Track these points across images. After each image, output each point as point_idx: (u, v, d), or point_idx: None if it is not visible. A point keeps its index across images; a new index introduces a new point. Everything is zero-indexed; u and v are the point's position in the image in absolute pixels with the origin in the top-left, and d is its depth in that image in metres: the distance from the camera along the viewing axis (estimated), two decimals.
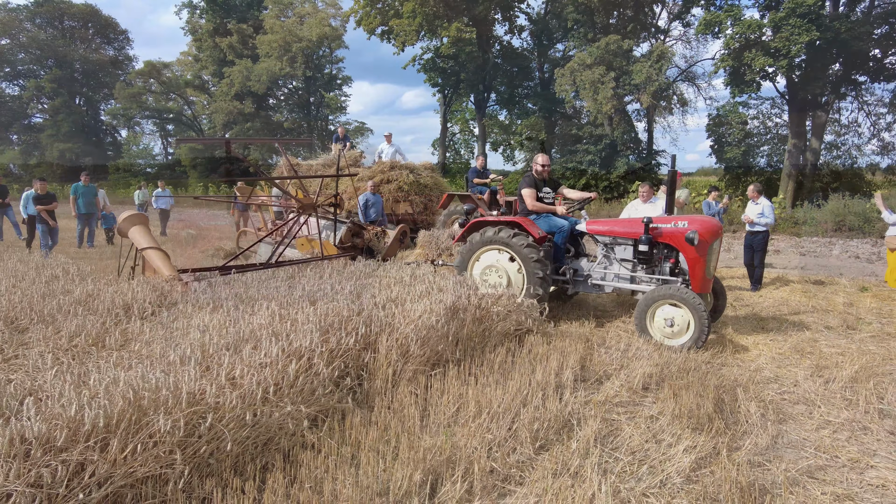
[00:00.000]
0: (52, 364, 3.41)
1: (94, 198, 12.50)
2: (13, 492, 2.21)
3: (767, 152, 29.56)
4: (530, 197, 6.51)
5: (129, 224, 6.62)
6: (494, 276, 6.24)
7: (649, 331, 5.52)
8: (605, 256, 6.29)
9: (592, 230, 6.27)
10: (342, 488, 2.69)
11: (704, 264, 5.62)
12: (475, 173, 12.10)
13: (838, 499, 2.92)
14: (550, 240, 6.39)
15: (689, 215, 6.01)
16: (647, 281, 5.99)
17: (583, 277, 6.35)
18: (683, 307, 5.30)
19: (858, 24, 21.50)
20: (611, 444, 3.37)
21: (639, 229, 5.83)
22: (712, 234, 5.67)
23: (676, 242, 5.70)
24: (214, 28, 39.94)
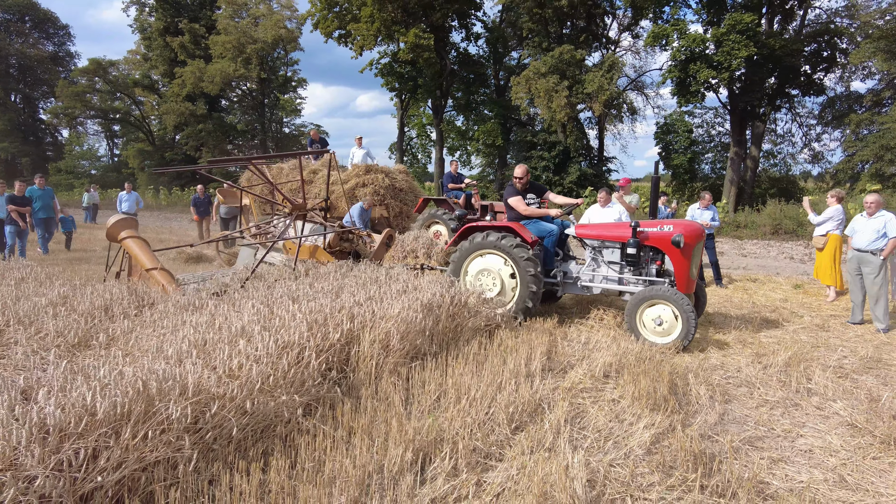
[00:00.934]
0: (37, 363, 3.50)
1: (52, 201, 12.01)
2: (38, 475, 2.35)
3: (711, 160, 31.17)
4: (520, 203, 6.67)
5: (119, 229, 6.50)
6: (488, 280, 6.40)
7: (638, 329, 5.72)
8: (594, 259, 6.49)
9: (581, 234, 6.47)
10: (341, 467, 2.93)
11: (689, 266, 5.90)
12: (450, 178, 12.24)
13: (774, 462, 3.36)
14: (540, 244, 6.56)
15: (674, 220, 6.32)
16: (634, 282, 6.19)
17: (572, 279, 6.54)
18: (672, 307, 5.53)
19: (791, 42, 23.02)
20: (579, 424, 3.73)
21: (626, 233, 6.07)
22: (696, 238, 5.96)
23: (663, 245, 5.96)
24: (165, 27, 38.90)
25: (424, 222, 11.63)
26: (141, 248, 6.36)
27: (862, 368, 5.14)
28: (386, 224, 12.08)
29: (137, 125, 44.78)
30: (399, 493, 2.79)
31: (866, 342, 6.10)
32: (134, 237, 6.44)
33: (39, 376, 3.17)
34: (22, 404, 2.63)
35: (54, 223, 12.19)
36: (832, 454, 3.47)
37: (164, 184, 36.74)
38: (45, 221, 11.75)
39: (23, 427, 2.39)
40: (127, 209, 15.01)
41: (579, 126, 29.58)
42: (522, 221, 6.71)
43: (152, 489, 2.62)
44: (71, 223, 14.03)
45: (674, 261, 5.93)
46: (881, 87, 24.69)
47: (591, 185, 26.01)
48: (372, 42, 29.05)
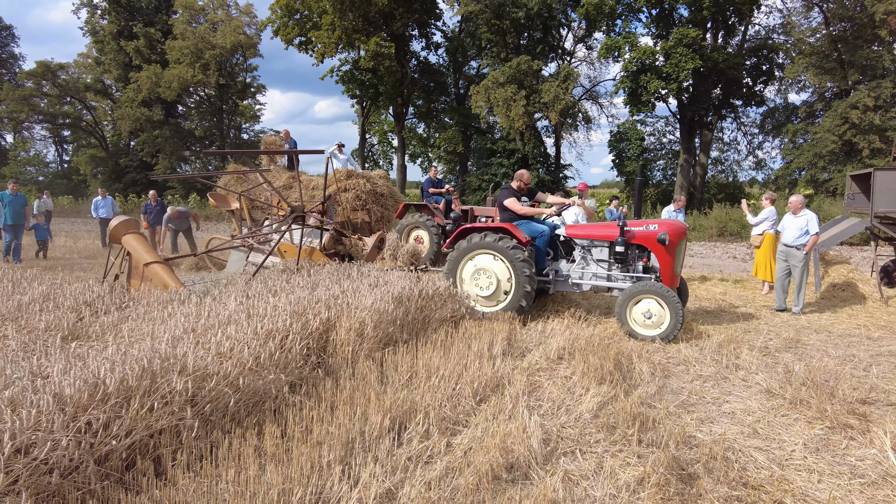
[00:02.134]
0: (38, 351, 3.75)
1: (24, 207, 11.55)
2: (61, 439, 2.66)
3: (663, 166, 32.62)
4: (516, 204, 6.92)
5: (122, 230, 6.47)
6: (484, 279, 6.63)
7: (628, 322, 6.05)
8: (583, 258, 6.80)
9: (571, 234, 6.79)
10: (327, 433, 3.30)
11: (673, 262, 6.28)
12: (430, 183, 12.45)
13: (701, 422, 3.91)
14: (532, 243, 6.81)
15: (659, 219, 6.69)
16: (622, 279, 6.53)
17: (563, 277, 6.84)
18: (660, 300, 5.89)
19: (733, 56, 24.46)
20: (535, 396, 4.20)
21: (614, 232, 6.41)
22: (679, 236, 6.34)
23: (648, 243, 6.31)
24: (118, 31, 38.06)
25: (405, 227, 11.75)
26: (141, 244, 6.38)
27: (783, 348, 5.81)
28: (368, 229, 12.23)
29: (90, 131, 43.50)
30: (380, 452, 3.18)
31: (789, 327, 6.82)
32: (135, 234, 6.48)
33: (42, 362, 3.44)
34: (36, 381, 2.92)
35: (22, 231, 11.71)
36: (749, 414, 4.05)
37: (119, 191, 35.85)
38: (13, 228, 11.36)
39: (48, 395, 2.69)
40: (104, 215, 14.59)
41: (537, 134, 30.54)
42: (515, 222, 6.96)
43: (160, 453, 2.95)
44: (45, 231, 13.31)
45: (659, 258, 6.28)
46: (813, 99, 26.46)
47: (549, 191, 26.88)
48: (333, 50, 29.30)
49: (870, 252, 13.62)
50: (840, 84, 23.66)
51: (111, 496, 2.59)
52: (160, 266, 6.22)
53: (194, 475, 2.79)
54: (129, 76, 36.74)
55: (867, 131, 21.18)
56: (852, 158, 22.13)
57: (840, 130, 21.68)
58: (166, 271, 6.20)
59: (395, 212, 12.52)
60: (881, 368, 5.18)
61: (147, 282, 6.03)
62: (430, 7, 31.50)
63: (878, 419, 3.91)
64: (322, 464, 2.97)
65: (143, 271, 6.14)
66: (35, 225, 12.92)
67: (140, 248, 6.39)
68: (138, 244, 6.43)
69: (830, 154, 22.42)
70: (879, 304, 8.16)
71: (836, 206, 18.68)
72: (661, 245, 6.20)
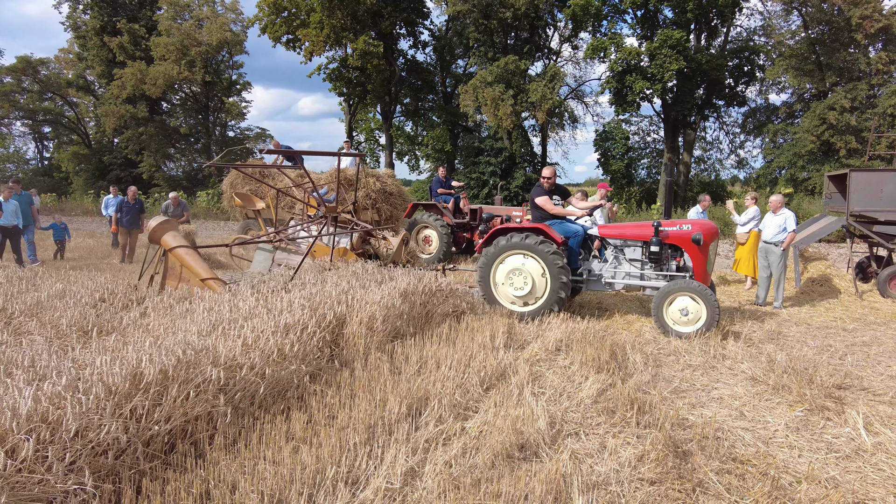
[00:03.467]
0: (74, 345, 3.95)
1: (30, 206, 10.91)
2: (112, 423, 2.87)
3: (647, 165, 33.19)
4: (548, 203, 6.97)
5: (162, 231, 6.25)
6: (519, 280, 6.70)
7: (664, 319, 6.15)
8: (616, 257, 6.87)
9: (605, 234, 6.86)
10: (349, 418, 3.55)
11: (706, 261, 6.38)
12: (438, 183, 12.53)
13: (693, 406, 4.22)
14: (566, 243, 6.84)
15: (692, 219, 6.82)
16: (655, 278, 6.61)
17: (596, 277, 6.90)
18: (697, 298, 6.01)
19: (716, 57, 25.01)
20: (538, 384, 4.48)
21: (648, 232, 6.50)
22: (712, 236, 6.46)
23: (683, 243, 6.42)
24: (101, 26, 37.63)
25: (414, 227, 11.78)
26: (193, 258, 6.15)
27: (766, 339, 6.17)
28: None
29: (72, 127, 42.96)
30: (399, 435, 3.44)
31: (771, 320, 7.20)
32: (184, 247, 6.24)
33: (75, 355, 3.64)
34: (84, 371, 3.13)
35: (32, 231, 11.06)
36: (736, 399, 4.38)
37: (104, 188, 35.49)
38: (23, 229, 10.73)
39: (99, 383, 2.90)
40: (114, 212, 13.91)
41: (524, 133, 30.90)
42: (547, 221, 6.99)
43: (197, 438, 3.17)
44: (63, 231, 12.65)
45: (693, 257, 6.40)
46: (793, 100, 27.15)
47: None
48: (321, 48, 29.34)
49: (846, 249, 14.16)
50: (818, 86, 24.33)
51: (161, 476, 2.82)
52: (216, 282, 6.00)
53: (234, 456, 3.02)
54: (112, 72, 36.37)
55: (844, 132, 21.83)
56: (830, 158, 22.80)
57: (818, 131, 22.31)
58: (220, 286, 5.99)
59: (404, 211, 12.51)
60: (855, 357, 5.56)
61: (185, 282, 5.92)
62: (418, 6, 31.66)
63: (851, 402, 4.26)
64: (349, 445, 3.22)
65: (181, 272, 6.01)
66: (53, 225, 12.38)
67: (194, 264, 6.11)
68: (192, 260, 6.16)
69: (809, 154, 23.06)
70: (854, 299, 8.60)
71: (814, 205, 19.27)
72: (695, 245, 6.30)
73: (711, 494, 2.96)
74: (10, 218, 10.06)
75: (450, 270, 7.89)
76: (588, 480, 2.99)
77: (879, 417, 3.98)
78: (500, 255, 6.84)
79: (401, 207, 12.75)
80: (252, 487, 2.74)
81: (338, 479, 2.90)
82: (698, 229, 6.35)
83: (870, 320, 7.35)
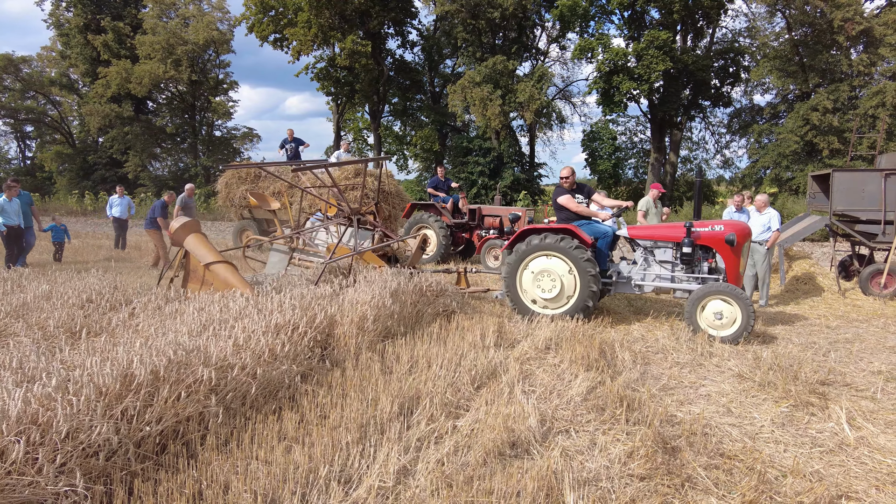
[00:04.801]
0: (62, 346, 3.91)
1: (30, 207, 10.35)
2: (103, 424, 2.86)
3: (634, 165, 33.44)
4: (571, 201, 6.84)
5: (184, 232, 6.00)
6: (547, 282, 6.56)
7: (698, 322, 5.99)
8: (645, 259, 6.73)
9: (634, 235, 6.70)
10: (341, 417, 3.56)
11: (739, 263, 6.24)
12: (436, 183, 12.49)
13: (681, 403, 4.28)
14: (594, 245, 6.67)
15: (724, 220, 6.71)
16: (686, 280, 6.47)
17: (625, 279, 6.76)
18: (733, 300, 5.85)
19: (702, 58, 25.28)
20: (528, 382, 4.52)
21: (679, 233, 6.36)
22: (745, 237, 6.33)
23: (715, 244, 6.27)
24: (85, 24, 37.16)
25: (413, 227, 11.70)
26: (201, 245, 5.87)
27: (752, 337, 6.25)
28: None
29: (55, 126, 42.37)
30: (391, 434, 3.45)
31: (757, 317, 7.29)
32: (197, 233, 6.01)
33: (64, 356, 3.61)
34: (75, 373, 3.11)
35: (33, 233, 10.47)
36: (724, 396, 4.44)
37: (89, 188, 35.08)
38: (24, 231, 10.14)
39: (90, 384, 2.89)
40: (119, 214, 13.83)
41: (512, 133, 31.02)
42: (574, 222, 6.84)
43: (189, 438, 3.17)
44: (63, 233, 12.17)
45: (725, 259, 6.25)
46: (777, 101, 27.50)
47: (524, 189, 27.37)
48: (309, 47, 29.21)
49: (829, 248, 14.38)
50: (801, 87, 24.66)
51: (152, 477, 2.81)
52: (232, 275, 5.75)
53: (226, 456, 3.02)
54: (97, 71, 35.94)
55: (827, 132, 22.15)
56: (813, 158, 23.12)
57: (802, 131, 22.61)
58: (238, 279, 5.73)
59: (402, 211, 12.43)
60: (838, 354, 5.66)
61: (207, 285, 5.68)
62: (406, 6, 31.63)
63: (835, 397, 4.35)
64: (341, 444, 3.23)
65: (202, 274, 5.77)
66: (52, 226, 11.93)
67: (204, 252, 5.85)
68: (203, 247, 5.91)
69: (793, 154, 23.36)
70: (837, 296, 8.75)
71: (798, 204, 19.53)
72: (728, 246, 6.17)
73: (700, 489, 3.00)
74: (14, 217, 9.70)
75: (473, 273, 7.71)
76: (579, 477, 3.02)
77: (861, 412, 4.07)
78: (526, 257, 6.68)
79: (399, 207, 12.66)
80: (245, 487, 2.74)
81: (331, 478, 2.90)
82: (731, 230, 6.20)
83: (852, 317, 7.48)
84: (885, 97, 20.64)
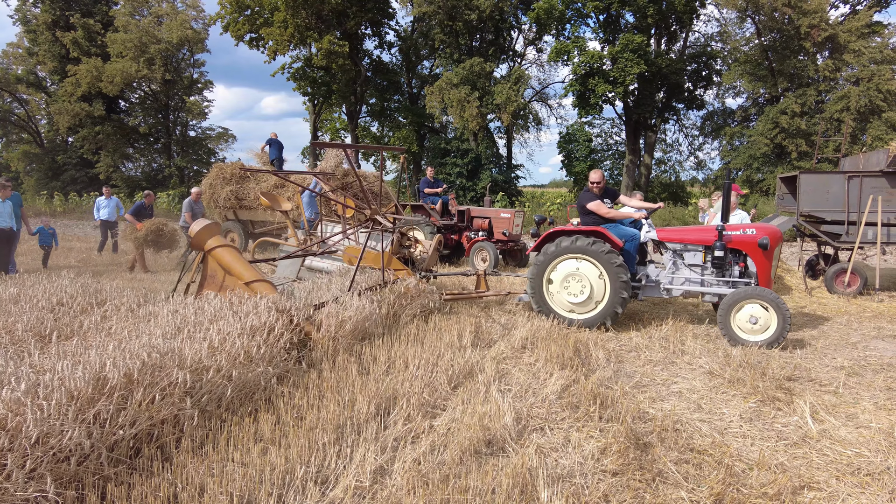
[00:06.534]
0: (31, 350, 3.84)
1: (20, 208, 9.86)
2: (74, 429, 2.82)
3: (609, 166, 33.89)
4: (602, 207, 6.72)
5: (206, 235, 5.50)
6: (576, 285, 6.42)
7: (731, 326, 5.85)
8: (674, 263, 6.61)
9: (664, 237, 6.59)
10: (318, 418, 3.56)
11: (771, 267, 6.16)
12: (426, 184, 12.39)
13: (653, 400, 4.38)
14: (622, 248, 6.53)
15: (755, 223, 6.62)
16: (716, 284, 6.35)
17: (653, 283, 6.62)
18: (766, 305, 5.72)
19: (675, 62, 25.75)
20: (505, 381, 4.57)
21: (710, 236, 6.26)
22: (778, 240, 6.26)
23: (748, 247, 6.17)
24: (53, 20, 36.29)
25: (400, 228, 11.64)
26: (236, 259, 5.41)
27: (722, 335, 6.40)
28: None
29: (22, 125, 41.24)
30: (368, 435, 3.47)
31: None
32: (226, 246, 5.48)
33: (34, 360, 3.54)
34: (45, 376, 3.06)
35: (17, 238, 9.99)
36: (694, 392, 4.56)
37: (58, 189, 34.25)
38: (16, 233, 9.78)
39: (61, 388, 2.85)
40: (107, 217, 13.39)
41: (489, 135, 31.21)
42: (602, 225, 6.69)
43: (163, 441, 3.14)
44: (50, 237, 11.55)
45: (757, 262, 6.16)
46: (748, 104, 28.16)
47: (502, 190, 27.53)
48: (285, 47, 28.97)
49: (797, 248, 14.78)
50: (771, 91, 25.30)
51: (126, 481, 2.78)
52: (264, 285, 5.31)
53: (202, 459, 3.00)
54: (66, 69, 35.13)
55: (795, 135, 22.76)
56: (783, 160, 23.73)
57: (771, 134, 23.20)
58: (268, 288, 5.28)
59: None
60: (804, 350, 5.84)
61: (224, 290, 5.26)
62: (384, 6, 31.60)
63: (800, 392, 4.49)
64: (318, 445, 3.24)
65: (222, 280, 5.38)
66: (40, 229, 11.26)
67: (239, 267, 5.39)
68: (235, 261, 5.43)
69: (763, 156, 23.96)
70: (804, 295, 9.00)
71: (768, 206, 20.02)
72: (761, 249, 6.09)
73: (670, 483, 3.08)
74: (7, 220, 9.26)
75: (493, 275, 7.55)
76: (553, 473, 3.08)
77: (824, 406, 4.21)
78: (554, 259, 6.54)
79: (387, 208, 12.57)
80: (221, 489, 2.73)
81: (307, 478, 2.91)
82: (764, 233, 6.13)
83: (818, 315, 7.71)
84: (850, 102, 21.30)
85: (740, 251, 6.31)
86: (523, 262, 12.42)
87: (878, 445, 3.54)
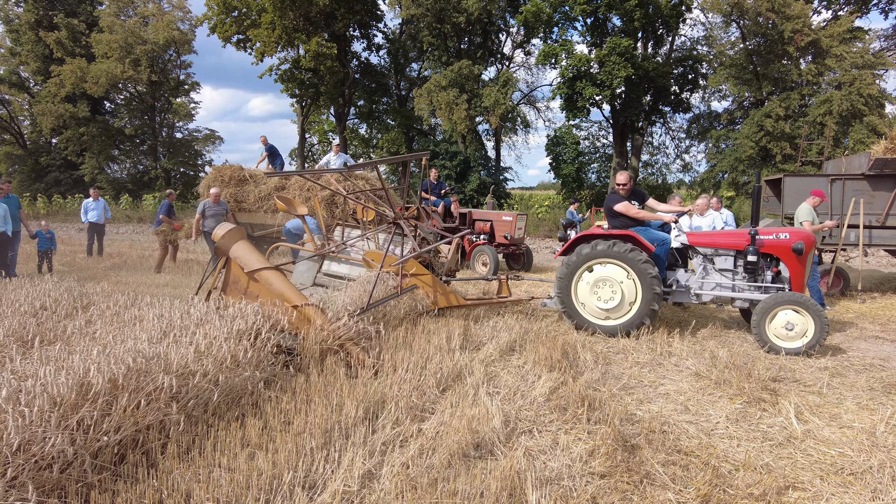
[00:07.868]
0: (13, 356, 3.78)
1: (19, 211, 9.49)
2: (57, 436, 2.78)
3: (597, 169, 34.10)
4: (631, 208, 6.55)
5: (231, 240, 5.20)
6: (606, 290, 6.29)
7: (766, 332, 5.76)
8: (704, 267, 6.47)
9: (694, 241, 6.49)
10: (306, 423, 3.54)
11: (804, 272, 6.08)
12: (429, 186, 12.29)
13: (641, 402, 4.40)
14: (653, 252, 6.40)
15: (788, 227, 6.54)
16: (748, 289, 6.23)
17: (683, 288, 6.50)
18: (802, 311, 5.62)
19: (662, 65, 25.98)
20: (493, 384, 4.58)
21: (743, 241, 6.16)
22: (812, 245, 6.15)
23: (781, 252, 6.06)
24: (37, 20, 35.80)
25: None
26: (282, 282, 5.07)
27: (709, 336, 6.47)
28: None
29: (4, 126, 40.62)
30: (356, 439, 3.45)
31: (713, 318, 7.55)
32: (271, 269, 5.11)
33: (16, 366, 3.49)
34: (27, 382, 3.01)
35: (18, 240, 9.72)
36: (681, 394, 4.59)
37: (41, 191, 33.78)
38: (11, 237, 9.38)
39: (43, 394, 2.80)
40: (95, 219, 13.08)
41: (478, 137, 31.27)
42: (631, 228, 6.55)
43: (149, 447, 3.11)
44: (48, 241, 11.01)
45: (791, 268, 6.07)
46: (734, 107, 28.48)
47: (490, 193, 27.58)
48: (273, 49, 28.82)
49: None
50: (756, 94, 25.61)
51: (110, 488, 2.75)
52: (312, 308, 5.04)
53: (188, 465, 2.97)
54: (49, 69, 34.68)
55: (779, 138, 23.04)
56: (767, 163, 24.01)
57: (756, 137, 23.46)
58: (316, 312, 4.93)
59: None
60: None
61: (251, 298, 5.01)
62: (372, 8, 31.56)
63: (785, 393, 4.55)
64: (306, 450, 3.22)
65: (246, 285, 5.11)
66: (38, 232, 10.78)
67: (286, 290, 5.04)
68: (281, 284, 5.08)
69: (749, 159, 24.22)
70: None
71: None
72: (795, 254, 5.99)
73: (658, 485, 3.10)
74: (2, 223, 8.86)
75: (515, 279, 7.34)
76: (541, 476, 3.08)
77: (809, 407, 4.26)
78: (583, 264, 6.41)
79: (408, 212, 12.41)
80: (207, 495, 2.71)
81: (295, 483, 2.89)
82: (798, 238, 6.04)
83: None
84: (832, 106, 21.61)
85: (773, 256, 6.22)
86: (527, 266, 12.39)
87: (860, 445, 3.59)
